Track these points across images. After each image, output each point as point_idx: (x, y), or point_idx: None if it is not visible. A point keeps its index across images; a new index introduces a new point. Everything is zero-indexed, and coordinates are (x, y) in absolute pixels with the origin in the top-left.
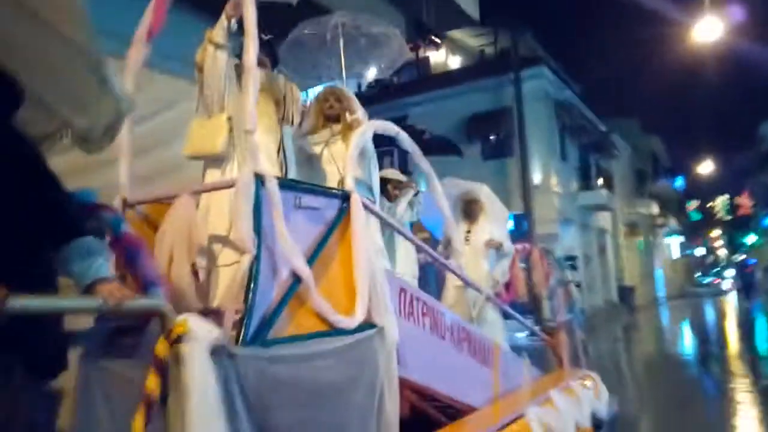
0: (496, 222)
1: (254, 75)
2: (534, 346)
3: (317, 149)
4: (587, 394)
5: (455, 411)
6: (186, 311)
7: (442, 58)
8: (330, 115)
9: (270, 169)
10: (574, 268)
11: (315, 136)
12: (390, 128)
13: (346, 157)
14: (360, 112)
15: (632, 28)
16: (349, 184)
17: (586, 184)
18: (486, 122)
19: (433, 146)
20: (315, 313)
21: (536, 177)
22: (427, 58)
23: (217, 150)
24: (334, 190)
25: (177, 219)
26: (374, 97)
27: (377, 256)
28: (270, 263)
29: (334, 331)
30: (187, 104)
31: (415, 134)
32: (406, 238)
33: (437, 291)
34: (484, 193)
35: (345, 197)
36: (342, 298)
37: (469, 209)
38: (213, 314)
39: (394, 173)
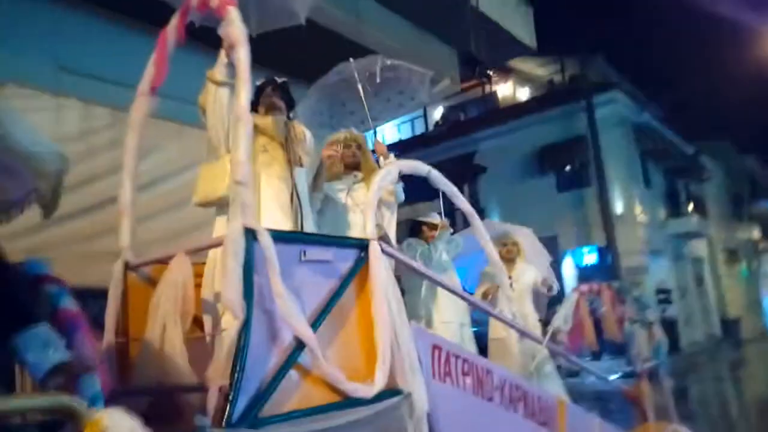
0: (537, 265)
1: (246, 122)
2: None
3: (341, 196)
4: None
5: None
6: (176, 386)
7: (510, 91)
8: (351, 162)
9: (282, 219)
10: (668, 302)
11: (338, 183)
12: (418, 168)
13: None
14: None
15: (713, 41)
16: (370, 231)
17: (675, 211)
18: (559, 153)
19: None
20: (325, 382)
21: (618, 206)
22: (494, 92)
23: (219, 194)
24: (349, 240)
25: (170, 282)
26: (442, 135)
27: (401, 310)
28: (266, 328)
29: (349, 402)
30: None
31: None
32: (439, 285)
33: None
34: (523, 235)
35: (363, 246)
36: (361, 361)
37: (505, 253)
38: (205, 390)
39: (428, 214)
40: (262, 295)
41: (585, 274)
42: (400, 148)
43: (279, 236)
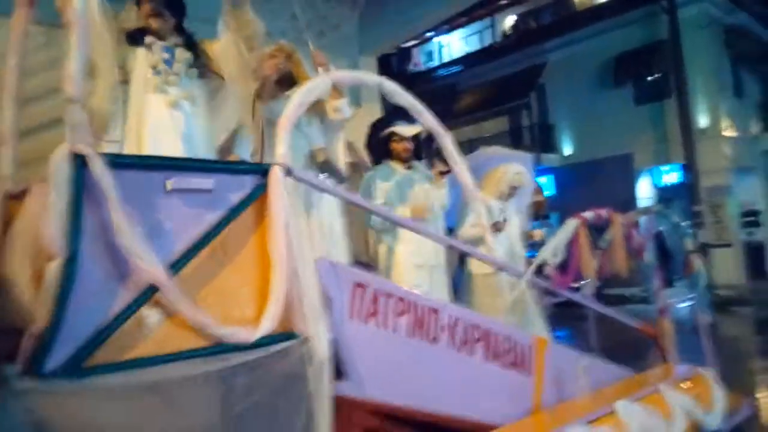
0: (525, 199)
1: (80, 25)
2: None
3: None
4: (683, 401)
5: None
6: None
7: None
8: (282, 78)
9: (169, 144)
10: (756, 225)
11: (275, 104)
12: (364, 78)
13: (313, 127)
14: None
15: None
16: (280, 154)
17: None
18: (637, 61)
19: None
20: (192, 327)
21: (702, 120)
22: None
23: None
24: (245, 165)
25: (27, 215)
26: (510, 46)
27: (306, 246)
28: (112, 267)
29: (220, 348)
30: None
31: None
32: (382, 216)
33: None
34: (525, 164)
35: (264, 172)
36: (253, 303)
37: (511, 192)
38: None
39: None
40: (105, 229)
41: (665, 195)
42: (467, 62)
43: (131, 162)
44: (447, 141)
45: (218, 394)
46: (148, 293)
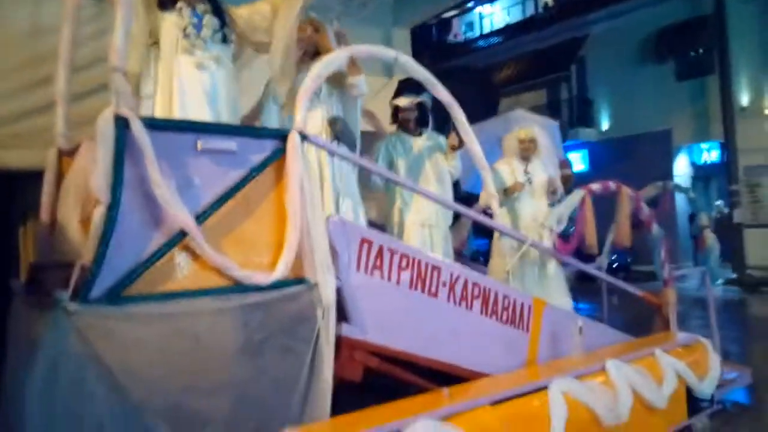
0: (549, 160)
1: (123, 2)
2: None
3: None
4: (676, 365)
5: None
6: (48, 263)
7: None
8: (309, 50)
9: (202, 111)
10: None
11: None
12: (380, 53)
13: (333, 98)
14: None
15: None
16: (298, 121)
17: None
18: (680, 35)
19: None
20: (215, 268)
21: (743, 98)
22: None
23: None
24: (265, 130)
25: (77, 169)
26: (551, 17)
27: (318, 204)
28: (148, 214)
29: (239, 287)
30: None
31: None
32: (388, 179)
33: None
34: (545, 127)
35: (283, 136)
36: (270, 252)
37: (522, 151)
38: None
39: (402, 101)
40: (143, 182)
41: (703, 173)
42: (507, 34)
43: (167, 125)
44: (459, 112)
45: (237, 326)
46: (178, 238)
